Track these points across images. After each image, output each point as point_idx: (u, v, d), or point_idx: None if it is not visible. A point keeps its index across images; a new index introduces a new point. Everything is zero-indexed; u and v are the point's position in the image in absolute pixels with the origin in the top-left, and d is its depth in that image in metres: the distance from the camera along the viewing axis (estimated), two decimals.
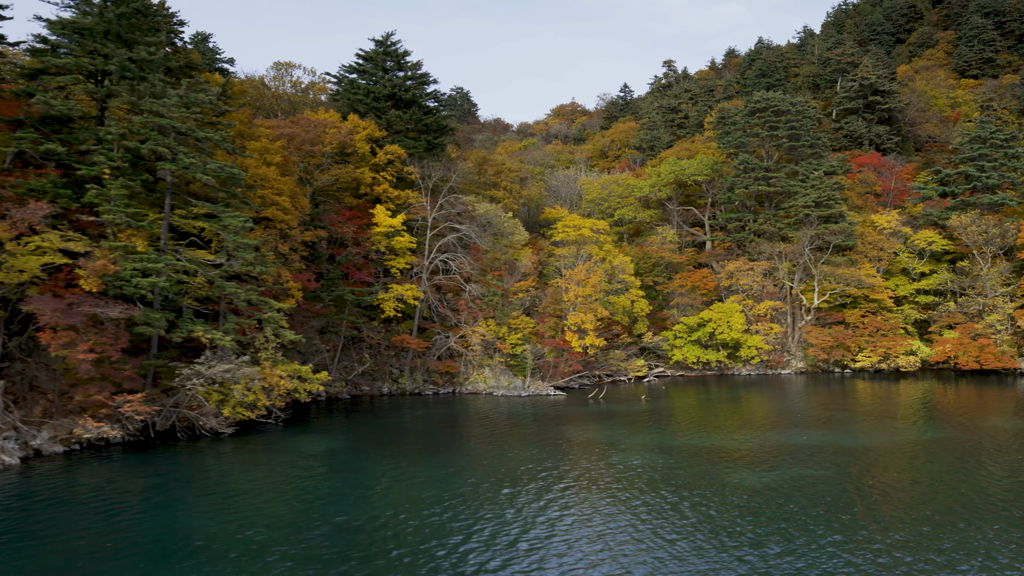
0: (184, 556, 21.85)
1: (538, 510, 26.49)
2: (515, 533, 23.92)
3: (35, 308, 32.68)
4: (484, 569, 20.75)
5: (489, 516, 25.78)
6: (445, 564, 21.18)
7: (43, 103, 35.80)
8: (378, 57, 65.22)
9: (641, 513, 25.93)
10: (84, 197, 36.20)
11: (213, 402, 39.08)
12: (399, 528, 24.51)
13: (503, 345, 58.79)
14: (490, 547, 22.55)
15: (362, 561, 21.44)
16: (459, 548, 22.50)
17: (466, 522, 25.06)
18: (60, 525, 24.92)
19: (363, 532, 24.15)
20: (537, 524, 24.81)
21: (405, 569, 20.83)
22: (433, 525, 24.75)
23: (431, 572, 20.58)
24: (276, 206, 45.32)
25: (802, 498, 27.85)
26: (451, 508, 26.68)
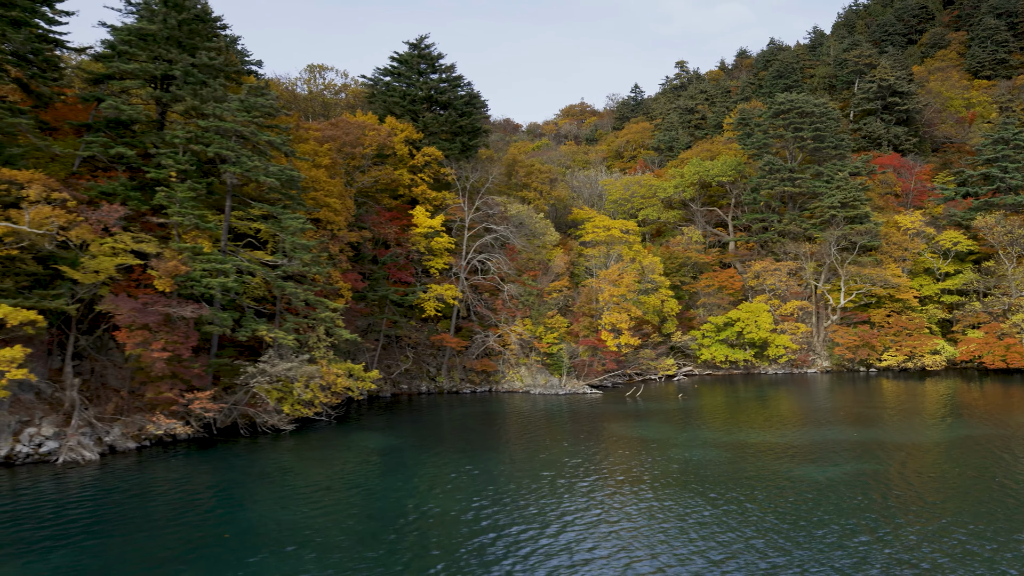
0: (300, 546, 22.71)
1: (621, 503, 27.32)
2: (605, 526, 24.76)
3: (111, 308, 33.54)
4: (578, 554, 21.61)
5: (573, 509, 26.63)
6: (541, 548, 22.02)
7: (114, 108, 36.66)
8: (412, 60, 66.06)
9: (722, 505, 26.77)
10: (153, 199, 37.06)
11: (273, 400, 39.96)
12: (482, 518, 25.34)
13: (540, 344, 59.65)
14: (583, 537, 23.41)
15: (469, 549, 22.29)
16: (550, 537, 23.35)
17: (551, 515, 25.91)
18: (160, 516, 25.81)
19: (451, 523, 25.00)
20: (624, 517, 25.64)
21: (511, 552, 21.68)
22: (519, 516, 25.60)
23: (531, 554, 21.43)
24: (327, 208, 46.20)
25: (870, 490, 28.71)
26: (534, 501, 27.53)
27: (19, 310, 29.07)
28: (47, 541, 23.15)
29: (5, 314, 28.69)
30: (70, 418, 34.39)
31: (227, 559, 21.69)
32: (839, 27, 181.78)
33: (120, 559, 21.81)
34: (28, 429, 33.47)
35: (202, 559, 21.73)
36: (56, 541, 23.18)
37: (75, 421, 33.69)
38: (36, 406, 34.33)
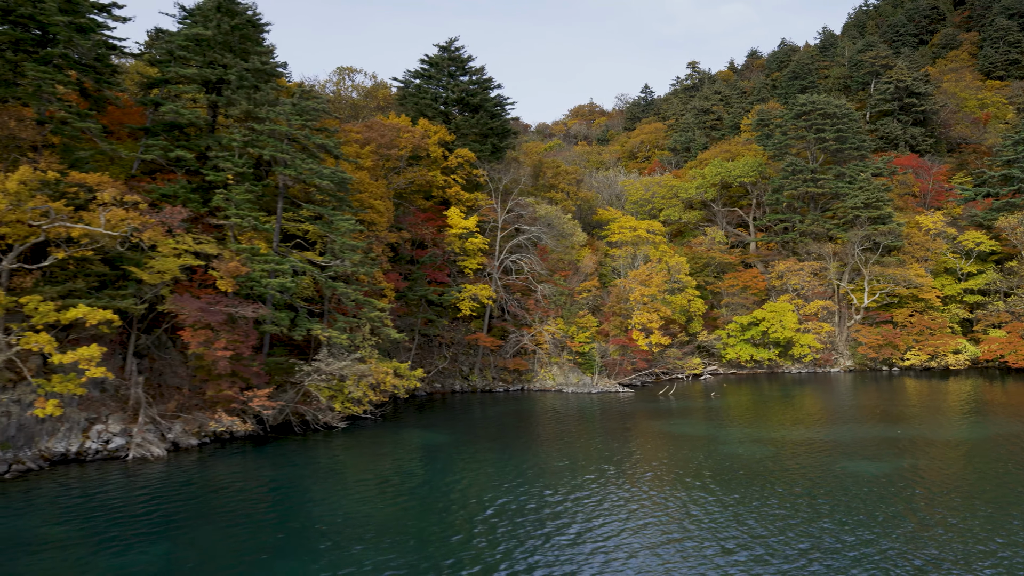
0: (384, 537, 23.51)
1: (688, 499, 28.08)
2: (672, 520, 25.53)
3: (177, 307, 34.34)
4: (662, 549, 22.39)
5: (637, 503, 27.41)
6: (621, 542, 22.81)
7: (174, 112, 37.46)
8: (443, 62, 66.84)
9: (789, 499, 27.52)
10: (212, 201, 37.86)
11: (324, 397, 40.77)
12: (551, 510, 26.12)
13: (572, 343, 60.43)
14: (657, 531, 24.19)
15: (542, 541, 23.06)
16: (629, 533, 24.13)
17: (617, 509, 26.70)
18: (243, 509, 26.64)
19: (518, 515, 25.77)
20: (695, 513, 26.41)
21: (586, 543, 22.47)
22: (589, 509, 26.38)
23: (611, 547, 22.22)
24: (372, 209, 46.99)
25: (929, 484, 29.47)
26: (598, 494, 28.32)
27: (96, 309, 29.88)
28: (146, 534, 23.96)
29: (84, 313, 29.50)
30: (135, 415, 35.22)
31: (323, 550, 22.49)
32: (849, 28, 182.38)
33: (220, 550, 22.59)
34: (96, 426, 34.30)
35: (300, 549, 22.52)
36: (154, 534, 24.00)
37: (141, 418, 34.51)
38: (103, 403, 35.16)
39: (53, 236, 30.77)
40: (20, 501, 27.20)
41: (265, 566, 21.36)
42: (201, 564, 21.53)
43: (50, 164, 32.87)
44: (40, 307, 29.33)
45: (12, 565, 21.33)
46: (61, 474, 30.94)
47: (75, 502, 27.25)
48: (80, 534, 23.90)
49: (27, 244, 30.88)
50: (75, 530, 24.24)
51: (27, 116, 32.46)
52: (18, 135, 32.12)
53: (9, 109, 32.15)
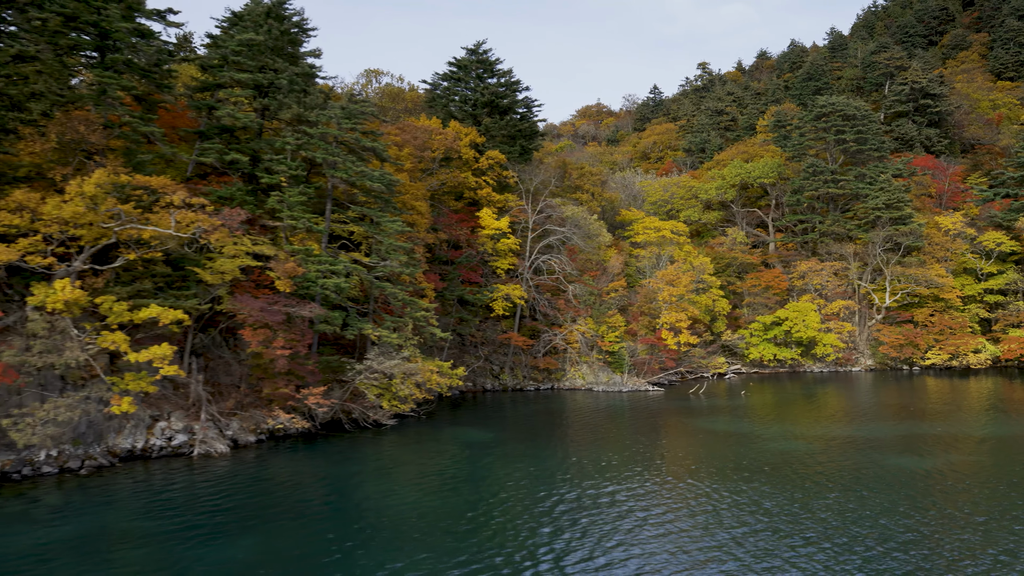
0: (464, 529, 24.31)
1: (746, 494, 28.87)
2: (744, 514, 26.32)
3: (238, 307, 35.12)
4: (742, 544, 23.19)
5: (699, 499, 28.19)
6: (692, 533, 23.63)
7: (230, 116, 38.24)
8: (471, 65, 67.61)
9: (847, 493, 28.32)
10: (267, 203, 38.65)
11: (373, 395, 41.55)
12: (611, 501, 26.93)
13: (603, 343, 61.22)
14: (715, 523, 24.98)
15: (609, 531, 23.88)
16: (702, 529, 24.94)
17: (675, 502, 27.50)
18: (318, 503, 27.44)
19: (582, 508, 26.57)
20: (764, 506, 27.19)
21: (653, 531, 23.28)
22: (654, 500, 27.19)
23: (678, 535, 23.04)
24: (413, 211, 47.78)
25: (980, 480, 30.26)
26: (659, 488, 29.12)
27: (167, 309, 30.67)
28: (232, 526, 24.76)
29: (158, 313, 30.29)
30: (195, 413, 36.01)
31: (404, 541, 23.28)
32: (858, 28, 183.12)
33: (306, 542, 23.35)
34: (160, 423, 35.10)
35: (382, 541, 23.29)
36: (239, 526, 24.79)
37: (203, 415, 35.31)
38: (165, 401, 35.95)
39: (124, 238, 31.54)
40: (102, 496, 27.98)
41: (354, 557, 22.12)
42: (292, 555, 22.29)
43: (115, 167, 33.63)
44: (114, 307, 30.12)
45: (114, 557, 22.13)
46: (132, 470, 31.73)
47: (155, 497, 28.04)
48: (170, 527, 24.66)
49: (98, 246, 31.67)
50: (164, 523, 25.02)
51: (94, 121, 33.22)
52: (87, 139, 32.89)
53: (78, 114, 32.91)
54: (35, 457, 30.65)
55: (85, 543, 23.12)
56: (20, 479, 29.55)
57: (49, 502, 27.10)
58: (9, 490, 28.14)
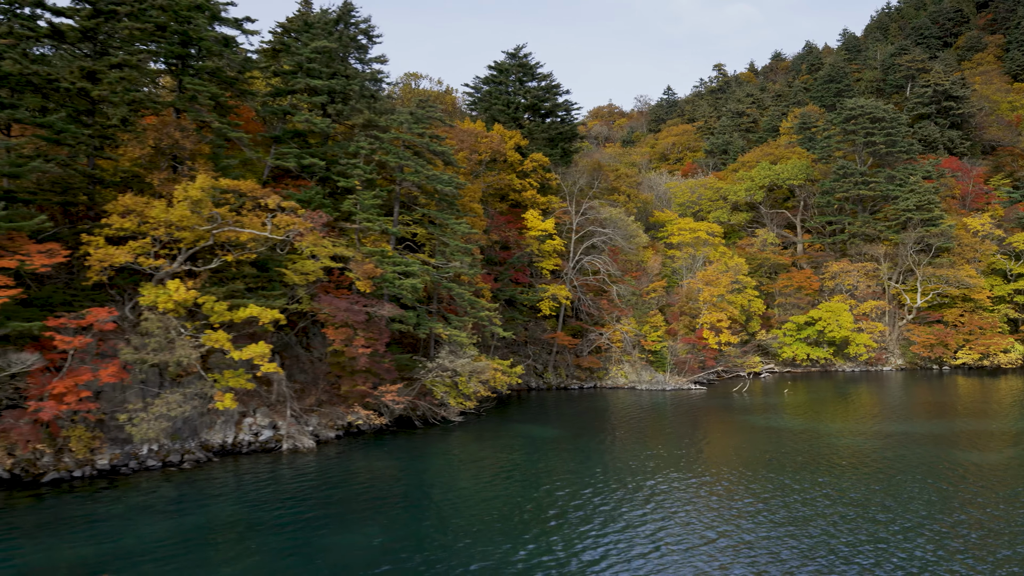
0: (563, 518, 25.48)
1: (830, 489, 30.00)
2: (832, 507, 27.46)
3: (324, 307, 36.28)
4: (838, 537, 24.34)
5: (777, 489, 29.32)
6: (787, 522, 24.79)
7: (307, 121, 39.40)
8: (511, 68, 68.75)
9: (919, 486, 29.44)
10: (342, 206, 39.81)
11: (439, 393, 42.70)
12: (693, 494, 28.10)
13: (646, 342, 62.35)
14: (812, 514, 26.12)
15: (695, 517, 25.05)
16: (787, 516, 26.09)
17: (760, 492, 28.64)
18: (420, 494, 28.58)
19: (670, 500, 27.73)
20: (851, 497, 28.33)
21: (762, 520, 24.45)
22: (727, 494, 28.35)
23: (782, 524, 24.20)
24: (471, 212, 48.92)
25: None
26: (738, 482, 30.26)
27: (265, 309, 31.83)
28: (347, 516, 25.92)
29: (257, 313, 31.44)
30: (279, 409, 37.17)
31: (513, 528, 24.45)
32: (872, 30, 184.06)
33: (421, 533, 24.47)
34: (247, 419, 36.27)
35: (492, 530, 24.44)
36: (356, 516, 25.96)
37: (289, 412, 36.47)
38: (250, 398, 37.10)
39: (221, 240, 32.70)
40: (211, 488, 29.15)
41: (470, 544, 23.24)
42: (412, 542, 23.40)
43: (206, 172, 34.79)
44: (215, 307, 31.27)
45: (250, 544, 23.26)
46: (227, 464, 32.91)
47: (263, 489, 29.19)
48: (290, 517, 25.82)
49: (195, 248, 32.83)
50: (282, 514, 26.18)
51: (188, 127, 34.39)
52: (180, 144, 34.06)
53: (173, 120, 34.08)
54: (139, 451, 31.85)
55: (216, 531, 24.31)
56: (129, 473, 30.75)
57: (165, 494, 28.26)
58: (123, 483, 29.31)
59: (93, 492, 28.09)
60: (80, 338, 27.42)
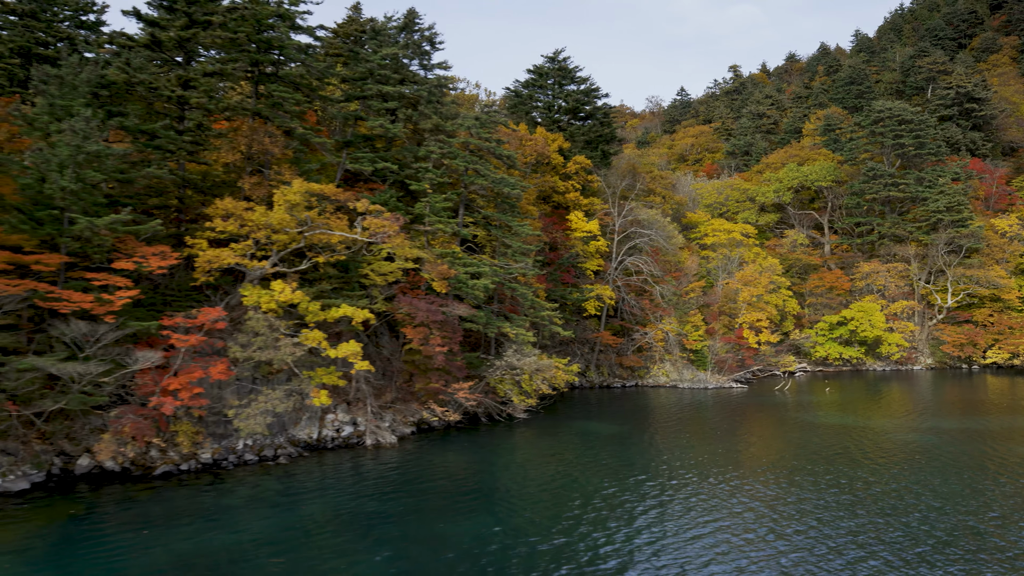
0: (662, 508, 26.66)
1: (915, 485, 31.14)
2: (933, 501, 28.59)
3: (397, 307, 37.39)
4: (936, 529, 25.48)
5: (859, 482, 30.47)
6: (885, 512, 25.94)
7: (382, 127, 40.51)
8: (551, 72, 69.86)
9: (994, 479, 30.57)
10: (415, 209, 40.95)
11: (502, 390, 43.83)
12: (783, 486, 29.25)
13: (687, 341, 63.47)
14: (903, 507, 27.26)
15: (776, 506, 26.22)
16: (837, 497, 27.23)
17: (845, 485, 29.78)
18: (515, 487, 29.73)
19: (741, 492, 28.89)
20: (942, 492, 29.48)
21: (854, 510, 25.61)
22: (810, 487, 29.50)
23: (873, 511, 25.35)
24: (527, 214, 50.04)
25: None
26: (819, 476, 31.40)
27: (357, 309, 32.97)
28: (456, 505, 27.09)
29: (350, 312, 32.58)
30: (358, 406, 38.32)
31: (614, 517, 25.62)
32: (885, 31, 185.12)
33: (534, 523, 25.67)
34: (328, 415, 37.43)
35: (599, 517, 25.62)
36: (464, 505, 27.13)
37: (369, 408, 37.62)
38: (330, 395, 38.21)
39: (313, 242, 33.83)
40: (313, 481, 30.29)
41: (586, 531, 24.42)
42: (521, 532, 24.56)
43: (291, 176, 35.93)
44: (309, 306, 32.42)
45: (373, 532, 24.41)
46: (318, 458, 34.04)
47: (363, 481, 30.35)
48: (399, 507, 27.00)
49: (286, 250, 33.97)
50: (392, 504, 27.34)
51: (276, 133, 35.52)
52: (269, 150, 35.20)
53: (263, 127, 35.22)
54: (235, 446, 33.02)
55: (334, 521, 25.49)
56: (230, 467, 31.89)
57: (270, 487, 29.40)
58: (228, 477, 30.46)
59: (204, 485, 29.24)
60: (194, 336, 28.56)
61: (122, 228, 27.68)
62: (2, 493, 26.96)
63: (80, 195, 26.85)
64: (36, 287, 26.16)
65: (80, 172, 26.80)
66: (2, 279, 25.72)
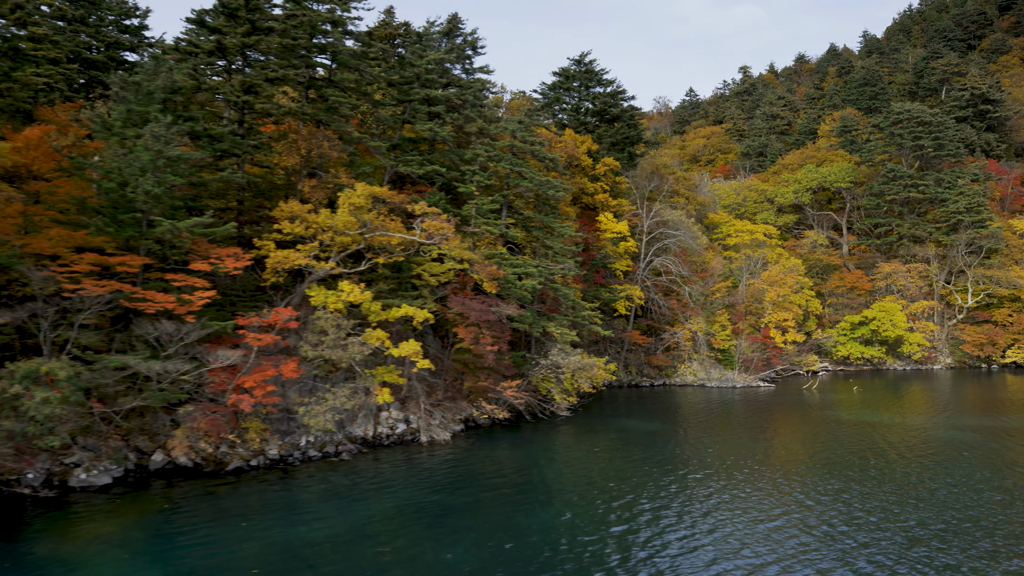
0: (713, 503, 27.48)
1: (978, 482, 31.97)
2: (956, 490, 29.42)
3: (448, 307, 38.21)
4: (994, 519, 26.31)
5: (915, 477, 31.29)
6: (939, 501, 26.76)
7: (431, 130, 41.31)
8: (578, 75, 70.68)
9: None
10: (463, 210, 41.77)
11: (544, 389, 44.65)
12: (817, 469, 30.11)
13: (716, 341, 64.30)
14: (941, 494, 28.08)
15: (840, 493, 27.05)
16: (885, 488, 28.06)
17: (901, 479, 30.61)
18: (576, 480, 30.56)
19: (787, 485, 29.72)
20: (985, 485, 30.32)
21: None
22: (871, 482, 30.33)
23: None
24: (565, 216, 50.83)
25: None
26: (872, 470, 32.23)
27: (418, 309, 33.79)
28: (525, 498, 27.92)
29: (412, 312, 33.40)
30: (408, 403, 39.12)
31: (685, 511, 26.46)
32: (894, 32, 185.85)
33: (596, 513, 26.48)
34: (382, 413, 38.25)
35: (654, 508, 26.47)
36: (533, 498, 27.95)
37: (422, 406, 38.44)
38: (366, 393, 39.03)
39: (375, 243, 34.65)
40: (379, 477, 31.11)
41: (650, 523, 25.25)
42: (589, 523, 25.38)
43: (347, 179, 36.74)
44: (371, 307, 33.24)
45: (452, 523, 25.24)
46: (376, 454, 34.86)
47: (429, 476, 31.17)
48: (471, 500, 27.87)
49: (346, 251, 34.80)
50: (463, 497, 28.19)
51: (333, 136, 36.35)
52: (326, 153, 36.02)
53: (320, 131, 36.04)
54: (299, 442, 33.85)
55: (411, 513, 26.36)
56: (295, 463, 32.71)
57: (340, 482, 30.22)
58: (296, 472, 31.28)
59: (275, 480, 30.06)
60: (268, 335, 29.39)
61: (199, 231, 28.50)
62: (87, 487, 27.82)
63: (161, 199, 27.67)
64: (121, 288, 26.98)
65: (160, 176, 27.62)
66: (89, 280, 26.55)
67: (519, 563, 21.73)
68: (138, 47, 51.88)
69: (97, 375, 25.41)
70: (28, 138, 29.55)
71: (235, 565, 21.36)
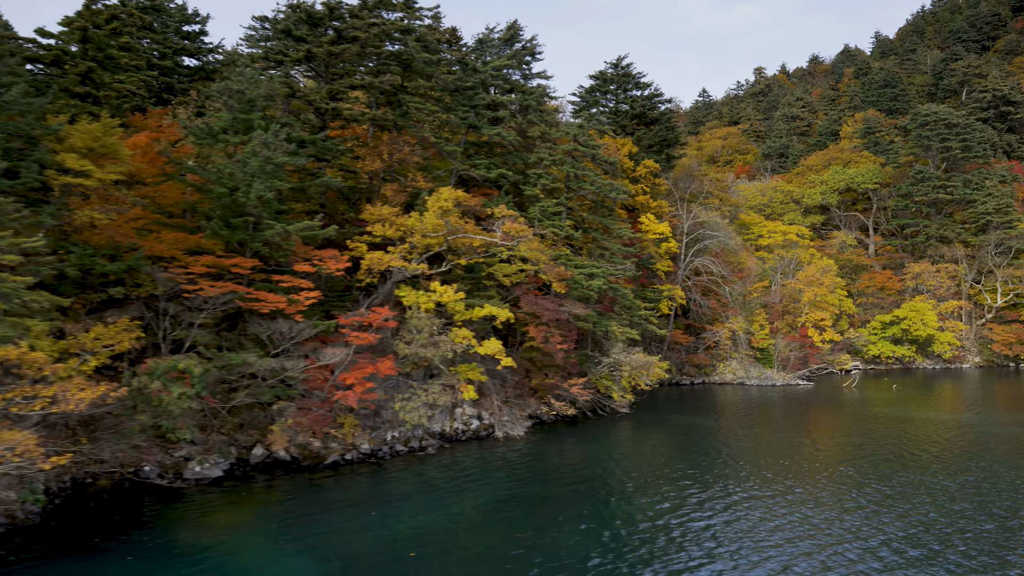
0: (782, 480, 28.66)
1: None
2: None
3: (532, 307, 39.39)
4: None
5: (979, 473, 32.46)
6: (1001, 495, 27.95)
7: (498, 135, 42.50)
8: (615, 78, 71.87)
9: None
10: (529, 213, 42.96)
11: (603, 386, 45.84)
12: (896, 480, 31.29)
13: (755, 340, 65.47)
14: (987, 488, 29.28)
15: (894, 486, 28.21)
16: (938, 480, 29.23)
17: (962, 476, 31.79)
18: (654, 473, 31.73)
19: (860, 479, 30.92)
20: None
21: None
22: (938, 476, 31.52)
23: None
24: (620, 218, 52.01)
25: None
26: (931, 463, 33.41)
27: (501, 309, 34.99)
28: (617, 489, 29.10)
29: (495, 312, 34.59)
30: (479, 400, 40.29)
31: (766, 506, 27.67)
32: (907, 33, 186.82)
33: (684, 506, 27.67)
34: (457, 409, 39.45)
35: (735, 500, 27.65)
36: (628, 489, 29.13)
37: (496, 403, 39.64)
38: (455, 390, 40.24)
39: (457, 245, 35.84)
40: (468, 471, 32.27)
41: (739, 510, 26.44)
42: (688, 510, 26.55)
43: (424, 182, 37.93)
44: (456, 306, 34.43)
45: (554, 510, 26.41)
46: (457, 449, 36.05)
47: (517, 469, 32.36)
48: (565, 491, 29.07)
49: (429, 252, 35.99)
50: (557, 488, 29.42)
51: (412, 141, 37.54)
52: (407, 158, 37.23)
53: (401, 136, 37.23)
54: (385, 437, 35.07)
55: (509, 503, 27.54)
56: (385, 457, 33.93)
57: (433, 475, 31.43)
58: (388, 466, 32.48)
59: (372, 473, 31.27)
60: (367, 334, 30.59)
61: (307, 233, 29.71)
62: (201, 479, 29.05)
63: (270, 203, 28.88)
64: (236, 289, 28.19)
65: (270, 182, 28.83)
66: (205, 281, 27.76)
67: (644, 544, 22.92)
68: (198, 52, 53.14)
69: (223, 372, 26.61)
70: (136, 144, 30.75)
71: (388, 548, 22.48)
